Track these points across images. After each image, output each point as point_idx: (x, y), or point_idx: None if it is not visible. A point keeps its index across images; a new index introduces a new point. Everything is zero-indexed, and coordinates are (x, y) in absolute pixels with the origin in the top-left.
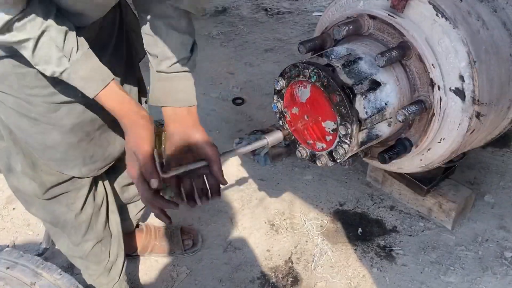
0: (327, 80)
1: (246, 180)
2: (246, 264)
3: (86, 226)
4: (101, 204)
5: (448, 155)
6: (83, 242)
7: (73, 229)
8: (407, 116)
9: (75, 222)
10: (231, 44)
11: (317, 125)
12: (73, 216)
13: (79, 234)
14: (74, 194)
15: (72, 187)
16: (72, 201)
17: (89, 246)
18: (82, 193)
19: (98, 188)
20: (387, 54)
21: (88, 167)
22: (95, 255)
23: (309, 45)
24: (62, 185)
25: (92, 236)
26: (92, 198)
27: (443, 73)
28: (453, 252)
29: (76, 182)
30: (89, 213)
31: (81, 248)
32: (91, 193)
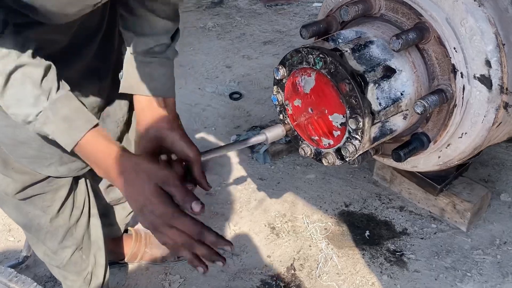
0: (335, 67)
1: (244, 179)
2: (245, 271)
3: (64, 231)
4: (82, 206)
5: (470, 151)
6: (61, 249)
7: (49, 234)
8: (426, 108)
9: (50, 227)
10: (228, 37)
11: (323, 119)
12: (48, 220)
13: (55, 240)
14: (51, 196)
15: (49, 188)
16: (49, 203)
17: (67, 253)
18: (60, 194)
19: (79, 188)
20: (403, 36)
21: (67, 166)
22: (74, 264)
23: (312, 29)
24: (37, 185)
25: (70, 243)
26: (72, 200)
27: (467, 58)
28: (469, 257)
29: (53, 183)
30: (67, 217)
31: (58, 256)
32: (71, 194)
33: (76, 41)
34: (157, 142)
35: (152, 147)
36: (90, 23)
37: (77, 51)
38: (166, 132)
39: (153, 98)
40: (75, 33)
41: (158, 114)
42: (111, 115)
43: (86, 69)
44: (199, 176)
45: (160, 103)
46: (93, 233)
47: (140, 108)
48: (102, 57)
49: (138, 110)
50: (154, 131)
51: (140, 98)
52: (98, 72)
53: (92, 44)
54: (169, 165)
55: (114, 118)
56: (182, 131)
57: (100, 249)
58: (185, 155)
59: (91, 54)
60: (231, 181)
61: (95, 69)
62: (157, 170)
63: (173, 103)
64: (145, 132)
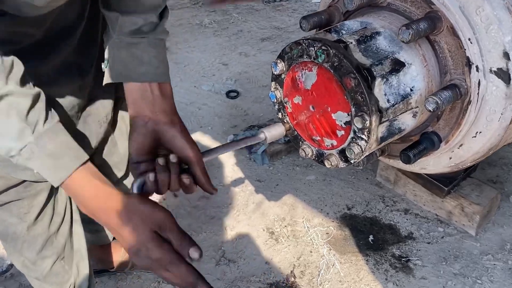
0: (339, 60)
1: (241, 181)
2: (242, 279)
3: (44, 240)
4: (64, 213)
5: (485, 152)
6: (40, 259)
7: (26, 243)
8: (439, 105)
9: (28, 235)
10: (224, 33)
11: (325, 118)
12: (25, 228)
13: (33, 249)
14: (28, 202)
15: (26, 194)
16: (26, 210)
17: (47, 264)
18: (39, 200)
19: (60, 193)
20: (414, 26)
21: None
22: (55, 275)
23: (313, 20)
24: (12, 190)
25: (51, 252)
26: (52, 207)
27: (483, 50)
28: (479, 262)
29: (30, 188)
30: (46, 225)
31: (38, 266)
32: (50, 200)
33: (52, 35)
34: (154, 138)
35: (149, 143)
36: (68, 16)
37: (54, 45)
38: (165, 127)
39: (146, 85)
40: (51, 26)
41: (154, 105)
42: (93, 115)
43: (65, 64)
44: (202, 179)
45: (155, 90)
46: (76, 241)
47: (133, 99)
48: (82, 53)
49: (131, 102)
50: (151, 125)
51: (132, 87)
52: (78, 68)
53: (71, 38)
54: (167, 169)
55: (97, 118)
56: (182, 126)
57: (83, 259)
58: (185, 155)
59: (70, 49)
60: (227, 183)
61: (75, 65)
62: (152, 214)
63: (170, 90)
64: (141, 127)
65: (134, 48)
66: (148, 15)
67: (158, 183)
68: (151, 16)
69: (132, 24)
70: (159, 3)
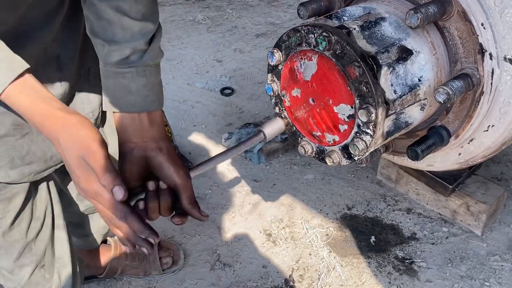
0: (341, 47)
1: (237, 181)
2: (238, 284)
3: (21, 247)
4: (43, 217)
5: (498, 147)
6: (17, 268)
7: (2, 250)
8: (450, 96)
9: (4, 242)
10: (218, 30)
11: (326, 111)
12: (0, 234)
13: (10, 257)
14: (3, 206)
15: (1, 197)
16: (0, 215)
17: (26, 272)
18: (15, 204)
19: (39, 196)
20: (423, 10)
21: (19, 170)
22: (35, 284)
23: (312, 7)
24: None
25: (29, 260)
26: (30, 211)
27: (496, 36)
28: (486, 263)
29: (5, 191)
30: (23, 230)
31: (15, 276)
32: (28, 203)
33: (29, 23)
34: (142, 165)
35: (137, 170)
36: (46, 3)
37: (30, 34)
38: (152, 153)
39: (135, 114)
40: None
41: (142, 132)
42: (78, 110)
43: (44, 55)
44: (188, 207)
45: (144, 119)
46: (58, 247)
47: (121, 127)
48: (63, 44)
49: (119, 130)
50: (138, 151)
51: (120, 116)
52: (57, 60)
53: (50, 27)
54: (157, 196)
55: (82, 113)
56: (170, 152)
57: (65, 266)
58: (172, 182)
59: (49, 39)
60: (222, 184)
61: (53, 57)
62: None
63: (160, 117)
64: (128, 154)
65: (121, 78)
66: (137, 43)
67: (147, 211)
68: (140, 43)
69: (119, 54)
70: (150, 28)
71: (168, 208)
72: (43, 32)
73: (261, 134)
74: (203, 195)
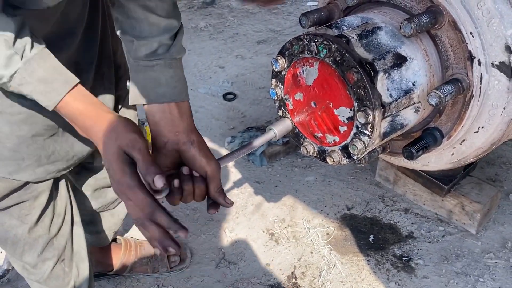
0: (341, 55)
1: (240, 183)
2: (243, 281)
3: (44, 242)
4: (64, 214)
5: (487, 147)
6: (41, 262)
7: (27, 246)
8: (442, 99)
9: (29, 238)
10: (220, 37)
11: (327, 114)
12: (26, 230)
13: (34, 252)
14: (29, 204)
15: (27, 196)
16: (27, 212)
17: (48, 266)
18: (40, 201)
19: (59, 194)
20: (416, 20)
21: (44, 168)
22: (56, 277)
23: (313, 17)
24: (14, 194)
25: (51, 254)
26: (52, 208)
27: (485, 44)
28: (481, 261)
29: (31, 189)
30: (47, 226)
31: (38, 269)
32: (51, 201)
33: (58, 32)
34: (175, 158)
35: (171, 162)
36: (72, 13)
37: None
38: (184, 147)
39: (165, 106)
40: (57, 24)
41: (173, 126)
42: None
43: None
44: (216, 195)
45: (174, 111)
46: (76, 243)
47: (153, 121)
48: (82, 51)
49: (151, 123)
50: (171, 145)
51: (151, 109)
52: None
53: (73, 37)
54: (191, 180)
55: None
56: (200, 144)
57: (83, 260)
58: (203, 172)
59: (72, 48)
60: (226, 185)
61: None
62: (126, 132)
63: (188, 108)
64: (163, 148)
65: (150, 70)
66: (163, 37)
67: (183, 191)
68: (165, 38)
69: (147, 48)
70: (174, 25)
71: (202, 194)
72: (67, 42)
73: (271, 132)
74: None
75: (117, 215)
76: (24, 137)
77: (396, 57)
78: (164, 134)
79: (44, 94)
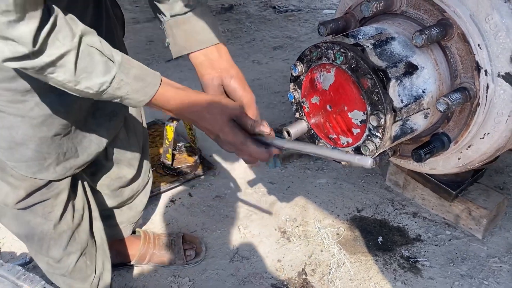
0: (356, 62)
1: (254, 183)
2: (255, 275)
3: (68, 237)
4: (82, 209)
5: (492, 153)
6: (66, 256)
7: (52, 241)
8: (449, 106)
9: (54, 233)
10: (237, 42)
11: (342, 116)
12: (52, 226)
13: (59, 247)
14: (52, 201)
15: (50, 194)
16: (50, 209)
17: (72, 260)
18: (61, 198)
19: (77, 191)
20: (427, 32)
21: (63, 165)
22: (79, 270)
23: (331, 26)
24: (37, 193)
25: (75, 248)
26: (72, 205)
27: (491, 55)
28: (486, 265)
29: (53, 187)
30: (69, 222)
31: (63, 263)
32: (70, 199)
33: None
34: (221, 91)
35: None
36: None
37: None
38: (226, 80)
39: (206, 49)
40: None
41: (215, 65)
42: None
43: None
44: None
45: (214, 52)
46: (97, 237)
47: (198, 63)
48: None
49: (197, 65)
50: (217, 81)
51: (194, 55)
52: None
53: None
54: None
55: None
56: (239, 77)
57: (106, 254)
58: (242, 101)
59: None
60: (241, 185)
61: None
62: (228, 105)
63: (225, 49)
64: (210, 84)
65: (187, 22)
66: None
67: None
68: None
69: (182, 1)
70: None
71: None
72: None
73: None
74: (223, 194)
75: (135, 208)
76: (45, 138)
77: (408, 65)
78: (209, 72)
79: (141, 91)
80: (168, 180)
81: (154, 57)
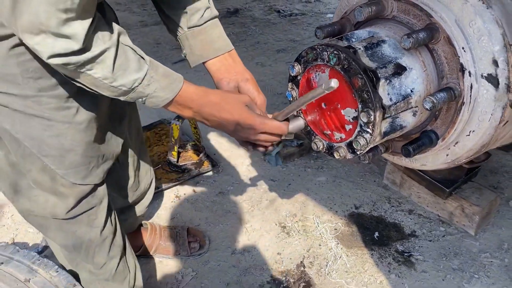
0: (348, 63)
1: (256, 180)
2: (255, 267)
3: (110, 241)
4: (114, 214)
5: (478, 149)
6: (109, 260)
7: (97, 247)
8: (435, 104)
9: (100, 239)
10: (242, 45)
11: (335, 114)
12: (98, 233)
13: (104, 252)
14: (96, 209)
15: (95, 202)
16: (94, 217)
17: (114, 263)
18: (103, 205)
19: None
20: (414, 36)
21: (102, 167)
22: (120, 273)
23: (327, 30)
24: (84, 201)
25: (115, 252)
26: (109, 209)
27: (475, 57)
28: (477, 259)
29: (97, 193)
30: (110, 226)
31: (105, 268)
32: (110, 204)
33: None
34: (236, 92)
35: None
36: None
37: None
38: (241, 83)
39: (221, 56)
40: None
41: (230, 70)
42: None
43: None
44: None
45: (228, 58)
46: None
47: (216, 69)
48: None
49: (214, 71)
50: (232, 83)
51: (211, 62)
52: None
53: None
54: None
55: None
56: (252, 80)
57: (132, 252)
58: (255, 100)
59: None
60: (243, 182)
61: None
62: (241, 95)
63: (236, 54)
64: (226, 87)
65: (204, 32)
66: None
67: None
68: (205, 2)
69: (198, 14)
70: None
71: None
72: None
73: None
74: (226, 190)
75: (142, 204)
76: (89, 142)
77: (397, 66)
78: (225, 76)
79: (168, 87)
80: (173, 176)
81: (161, 59)
